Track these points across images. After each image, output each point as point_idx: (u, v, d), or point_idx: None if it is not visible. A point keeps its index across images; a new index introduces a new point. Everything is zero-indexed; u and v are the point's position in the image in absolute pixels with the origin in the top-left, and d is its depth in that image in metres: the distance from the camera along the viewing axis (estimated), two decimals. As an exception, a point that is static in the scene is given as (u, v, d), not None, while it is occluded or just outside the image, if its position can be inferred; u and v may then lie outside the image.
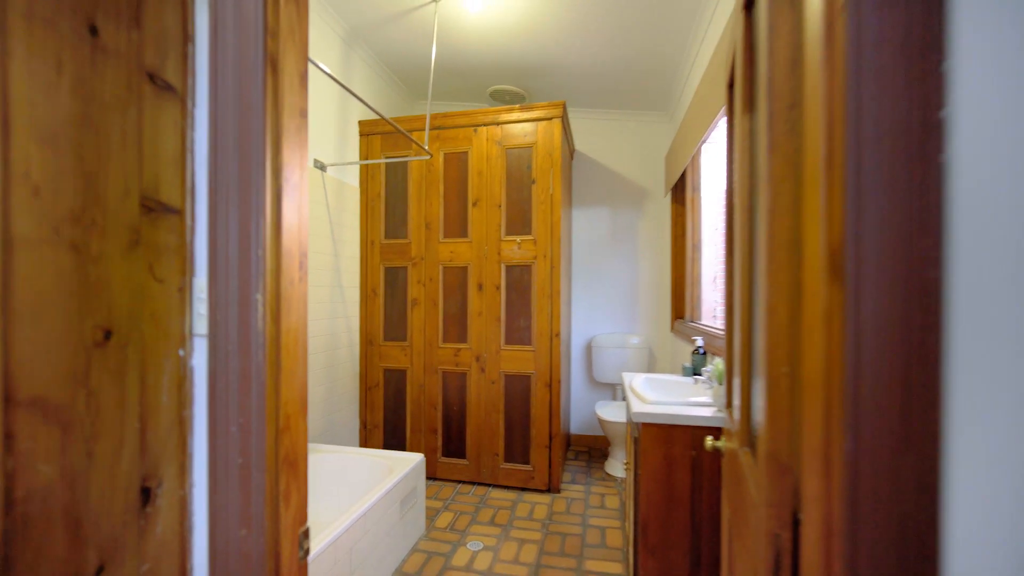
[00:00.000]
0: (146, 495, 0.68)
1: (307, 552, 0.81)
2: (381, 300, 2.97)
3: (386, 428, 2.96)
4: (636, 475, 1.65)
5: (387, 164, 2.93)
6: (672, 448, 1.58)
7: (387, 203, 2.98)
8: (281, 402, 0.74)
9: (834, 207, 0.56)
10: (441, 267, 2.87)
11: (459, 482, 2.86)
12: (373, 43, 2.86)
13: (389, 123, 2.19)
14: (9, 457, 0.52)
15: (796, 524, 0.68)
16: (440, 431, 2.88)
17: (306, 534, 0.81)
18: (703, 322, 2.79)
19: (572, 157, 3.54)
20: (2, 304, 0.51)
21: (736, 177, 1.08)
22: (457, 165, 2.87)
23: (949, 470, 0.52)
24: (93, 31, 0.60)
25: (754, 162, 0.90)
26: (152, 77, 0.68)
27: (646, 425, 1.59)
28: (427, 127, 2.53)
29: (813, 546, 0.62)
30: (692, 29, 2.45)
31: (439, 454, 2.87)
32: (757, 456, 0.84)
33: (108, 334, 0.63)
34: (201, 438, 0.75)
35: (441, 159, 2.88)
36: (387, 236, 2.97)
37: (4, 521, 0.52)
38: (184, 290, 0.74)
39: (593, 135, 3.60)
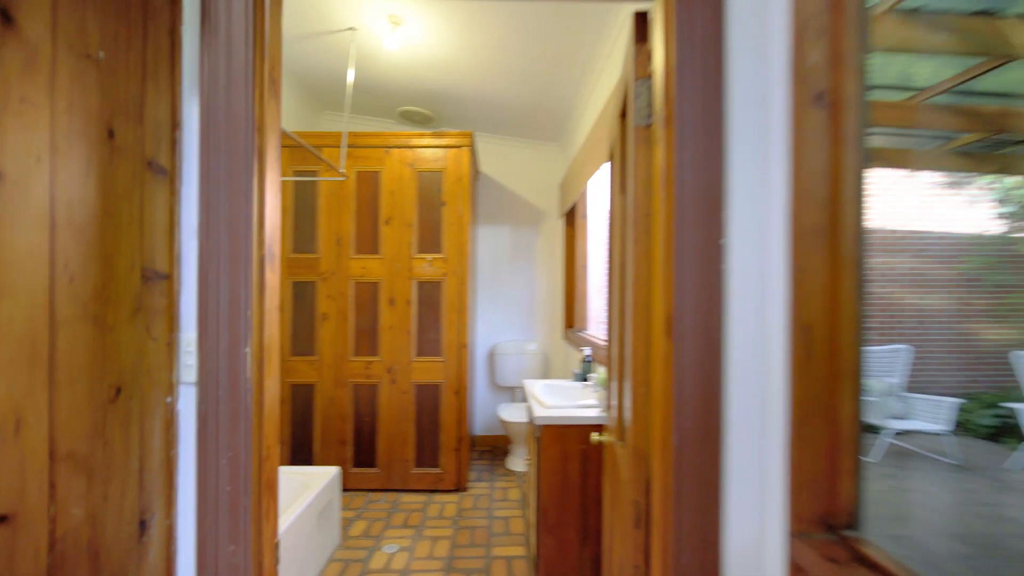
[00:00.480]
0: (143, 527, 0.78)
1: (278, 560, 0.96)
2: (289, 315, 2.94)
3: (293, 444, 2.94)
4: (538, 469, 1.96)
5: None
6: (567, 444, 1.92)
7: (296, 217, 2.95)
8: (263, 435, 0.88)
9: (668, 291, 0.89)
10: (352, 282, 2.94)
11: (371, 490, 2.96)
12: (284, 56, 2.82)
13: (305, 146, 2.23)
14: (52, 504, 0.62)
15: (648, 492, 1.02)
16: (351, 443, 2.94)
17: (278, 545, 0.96)
18: (590, 330, 3.25)
19: (477, 178, 3.80)
20: (49, 377, 0.61)
21: (614, 239, 1.43)
22: (369, 184, 2.96)
23: (726, 451, 0.88)
24: (111, 134, 0.70)
25: (625, 235, 1.24)
26: (150, 164, 0.78)
27: (546, 426, 1.92)
28: (343, 145, 2.60)
29: (657, 505, 0.95)
30: (582, 84, 2.87)
31: (350, 465, 2.93)
32: (626, 447, 1.17)
33: (119, 391, 0.72)
34: (187, 473, 0.86)
35: (354, 176, 2.95)
36: (295, 250, 2.95)
37: (48, 558, 0.61)
38: (172, 344, 0.84)
39: (497, 158, 3.90)
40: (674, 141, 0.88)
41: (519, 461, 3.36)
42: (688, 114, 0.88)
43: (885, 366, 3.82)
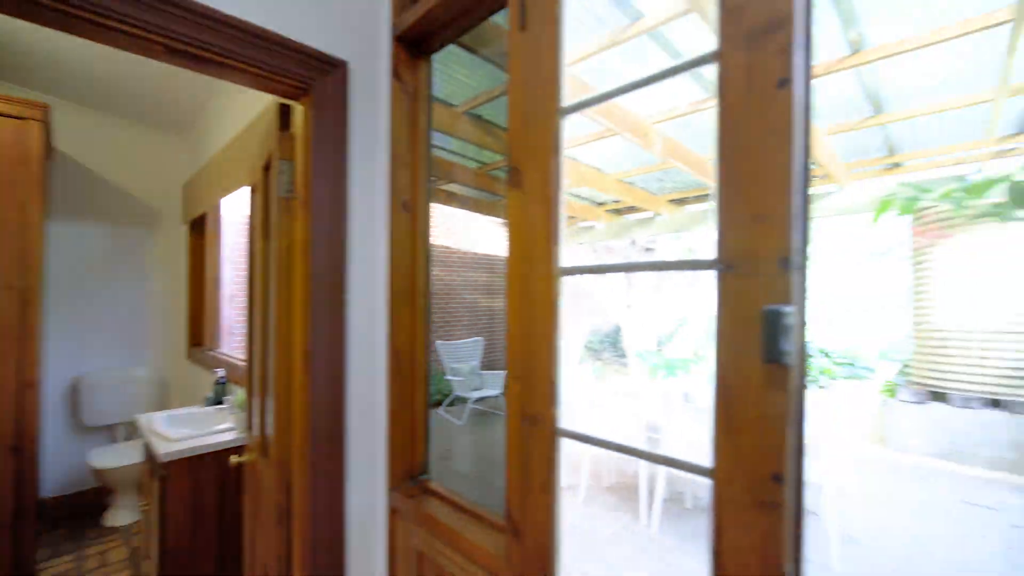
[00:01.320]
0: None
1: None
2: None
3: None
4: (161, 511, 1.80)
5: None
6: (200, 474, 1.87)
7: None
8: None
9: (305, 333, 1.18)
10: None
11: None
12: None
13: None
14: None
15: (289, 492, 1.27)
16: None
17: None
18: (224, 348, 3.06)
19: (52, 158, 2.86)
20: None
21: (255, 276, 1.57)
22: None
23: (348, 444, 1.24)
24: None
25: (267, 277, 1.44)
26: None
27: (173, 462, 1.80)
28: None
29: (298, 499, 1.22)
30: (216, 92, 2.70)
31: None
32: (269, 460, 1.38)
33: None
34: None
35: None
36: None
37: None
38: None
39: (90, 138, 3.05)
40: (311, 221, 1.18)
41: (125, 512, 2.78)
42: (321, 202, 1.19)
43: (469, 353, 5.32)
